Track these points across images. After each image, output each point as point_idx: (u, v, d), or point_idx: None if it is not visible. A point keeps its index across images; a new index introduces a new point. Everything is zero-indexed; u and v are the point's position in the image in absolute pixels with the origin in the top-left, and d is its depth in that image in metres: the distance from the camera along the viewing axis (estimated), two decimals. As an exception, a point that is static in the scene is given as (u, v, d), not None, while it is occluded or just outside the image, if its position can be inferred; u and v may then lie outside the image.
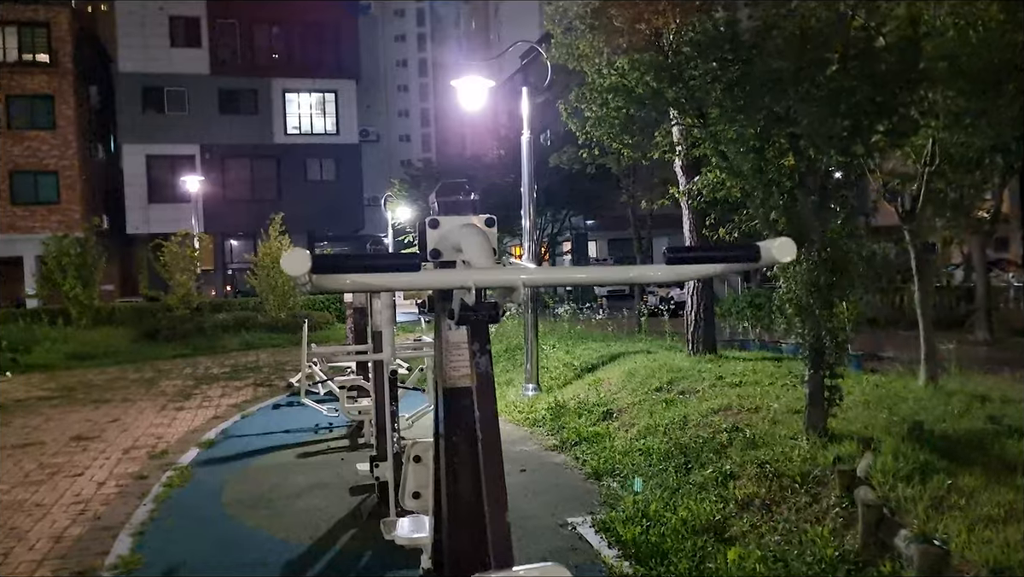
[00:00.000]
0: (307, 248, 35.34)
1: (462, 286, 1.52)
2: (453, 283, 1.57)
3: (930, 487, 4.72)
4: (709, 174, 6.63)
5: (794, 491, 5.40)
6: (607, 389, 9.85)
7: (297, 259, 1.45)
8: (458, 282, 1.54)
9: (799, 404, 7.36)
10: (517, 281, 1.51)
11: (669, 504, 5.71)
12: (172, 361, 19.25)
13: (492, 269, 1.64)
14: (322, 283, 1.57)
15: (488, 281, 1.54)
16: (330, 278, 1.56)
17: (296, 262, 1.45)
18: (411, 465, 3.44)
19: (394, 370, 5.93)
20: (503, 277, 1.55)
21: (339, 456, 8.50)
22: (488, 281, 1.54)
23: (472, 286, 1.49)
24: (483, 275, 1.54)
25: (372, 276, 1.59)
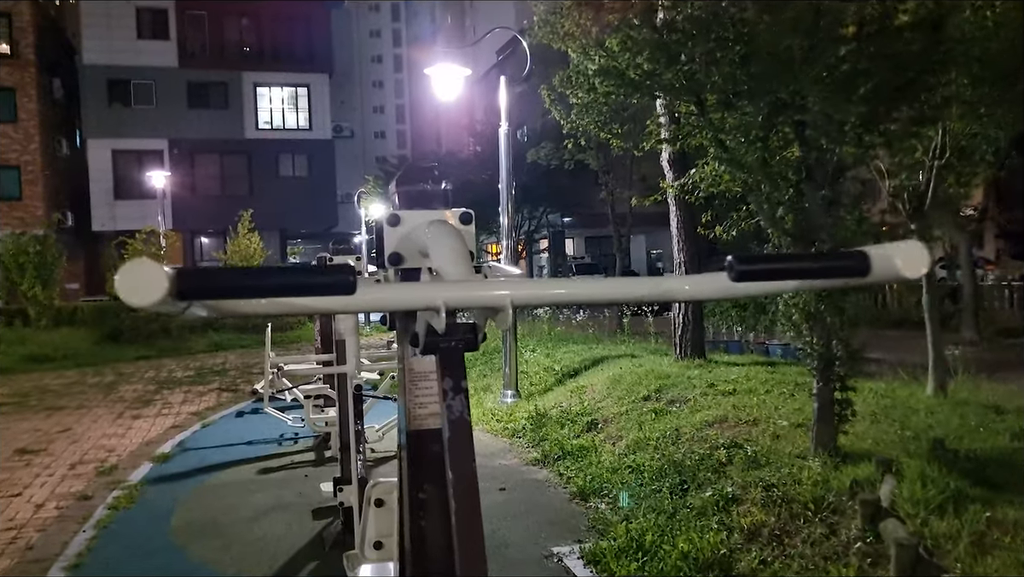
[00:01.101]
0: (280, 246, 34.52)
1: (428, 307, 1.09)
2: (414, 303, 1.13)
3: (967, 520, 4.16)
4: (706, 166, 6.08)
5: (807, 520, 4.83)
6: (591, 397, 9.27)
7: (144, 278, 0.85)
8: (422, 301, 1.09)
9: (800, 416, 6.83)
10: (504, 300, 1.09)
11: (666, 533, 5.12)
12: (135, 364, 18.46)
13: (468, 283, 1.16)
14: (202, 312, 0.99)
15: (463, 300, 1.11)
16: (213, 305, 0.97)
17: (142, 284, 0.85)
18: (372, 510, 2.86)
19: (359, 384, 5.31)
20: (484, 294, 1.11)
21: (303, 472, 7.86)
22: (463, 300, 1.11)
23: (441, 307, 1.06)
24: (456, 292, 1.10)
25: (283, 301, 1.01)
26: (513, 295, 1.06)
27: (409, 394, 1.86)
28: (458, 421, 1.28)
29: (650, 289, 1.33)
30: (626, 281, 1.40)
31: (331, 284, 0.94)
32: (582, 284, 1.39)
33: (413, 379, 1.88)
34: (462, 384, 1.27)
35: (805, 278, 1.17)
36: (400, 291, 1.22)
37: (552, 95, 8.85)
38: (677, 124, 6.41)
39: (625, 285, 1.36)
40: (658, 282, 1.37)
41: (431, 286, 1.09)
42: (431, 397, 1.70)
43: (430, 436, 1.64)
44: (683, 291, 1.27)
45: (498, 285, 1.09)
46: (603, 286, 1.36)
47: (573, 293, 1.34)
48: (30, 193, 32.28)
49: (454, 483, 1.24)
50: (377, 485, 2.90)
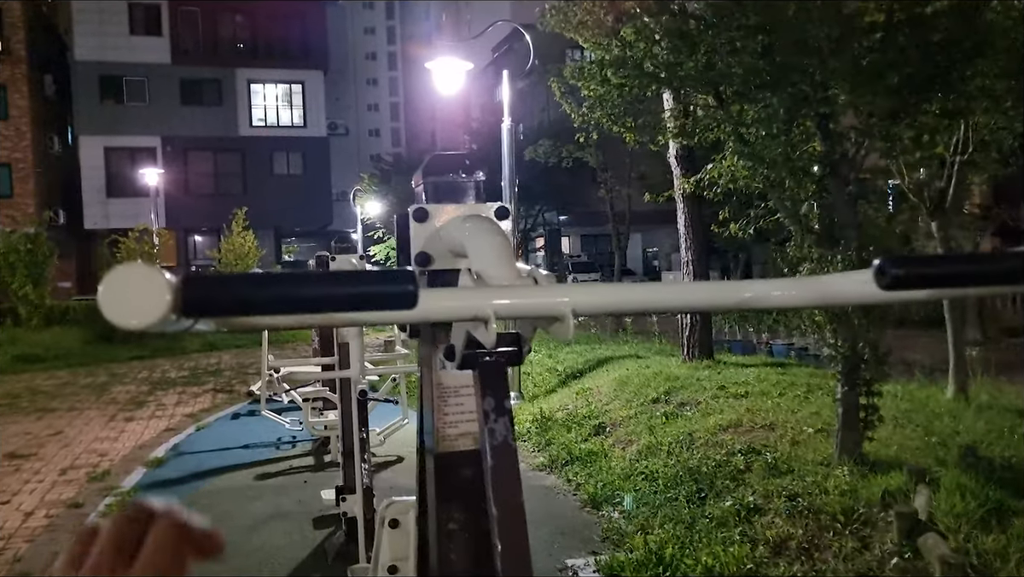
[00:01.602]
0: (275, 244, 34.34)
1: (476, 317, 0.89)
2: (461, 312, 0.92)
3: (1014, 536, 3.93)
4: (723, 161, 5.84)
5: (837, 533, 4.59)
6: (597, 399, 9.03)
7: (138, 290, 0.62)
8: (469, 311, 0.90)
9: (819, 420, 6.60)
10: (564, 308, 0.91)
11: (687, 545, 4.88)
12: (128, 364, 18.14)
13: (521, 288, 0.97)
14: (209, 326, 0.76)
15: (516, 308, 0.93)
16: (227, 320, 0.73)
17: (135, 297, 0.62)
18: (386, 532, 2.62)
19: (364, 390, 5.06)
20: (541, 302, 0.92)
21: (302, 477, 7.60)
22: (516, 308, 0.93)
23: (491, 317, 0.87)
24: (508, 299, 0.92)
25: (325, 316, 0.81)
26: (575, 302, 0.88)
27: (438, 412, 1.63)
28: (502, 447, 1.09)
29: (744, 294, 1.09)
30: (711, 286, 1.16)
31: (390, 297, 0.74)
32: (654, 290, 1.15)
33: (443, 395, 1.65)
34: (505, 404, 1.09)
35: (970, 284, 0.92)
36: (446, 298, 0.98)
37: (562, 88, 8.58)
38: (688, 118, 6.16)
39: (712, 290, 1.12)
40: (757, 284, 1.12)
41: (478, 292, 0.92)
42: (463, 416, 1.52)
43: (462, 459, 1.48)
44: (782, 298, 1.03)
45: (557, 291, 0.91)
46: (680, 291, 1.12)
47: (644, 299, 1.10)
48: (21, 191, 31.92)
49: (499, 519, 1.05)
50: (392, 505, 2.68)
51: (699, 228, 10.03)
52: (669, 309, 1.11)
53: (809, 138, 5.33)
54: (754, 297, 1.10)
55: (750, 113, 5.28)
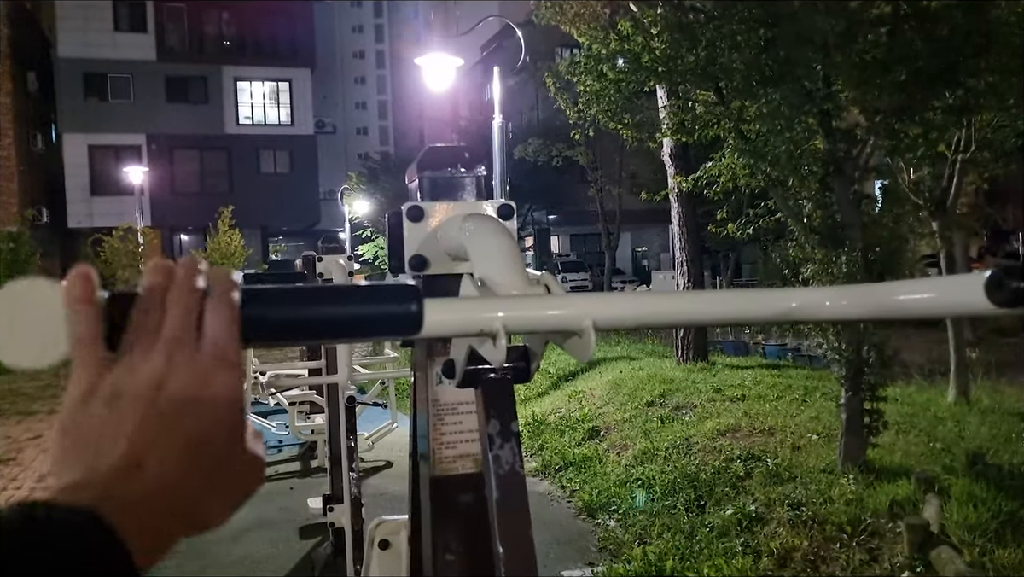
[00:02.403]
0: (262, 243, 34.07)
1: (483, 332, 0.76)
2: (466, 327, 0.78)
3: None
4: (723, 159, 5.67)
5: (843, 544, 4.43)
6: (591, 402, 8.85)
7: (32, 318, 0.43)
8: (476, 325, 0.76)
9: (818, 425, 6.45)
10: (584, 322, 0.77)
11: (687, 557, 4.70)
12: (111, 366, 17.88)
13: (535, 299, 0.83)
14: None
15: (530, 322, 0.78)
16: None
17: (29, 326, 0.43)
18: (376, 553, 2.45)
19: (352, 396, 4.86)
20: (557, 314, 0.78)
21: (288, 484, 7.40)
22: (530, 322, 0.78)
23: (500, 332, 0.74)
24: (521, 310, 0.78)
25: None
26: (597, 315, 0.76)
27: (434, 431, 1.48)
28: (509, 477, 0.98)
29: (788, 305, 0.91)
30: (749, 295, 0.97)
31: (393, 320, 0.63)
32: (685, 300, 0.97)
33: (439, 412, 1.52)
34: (512, 427, 0.98)
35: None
36: (444, 312, 0.81)
37: (556, 83, 8.40)
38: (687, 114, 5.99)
39: (747, 300, 0.94)
40: (795, 295, 0.94)
41: (485, 304, 0.79)
42: (462, 435, 1.40)
43: (461, 483, 1.36)
44: (835, 309, 0.86)
45: (576, 302, 0.78)
46: (713, 301, 0.94)
47: (674, 311, 0.93)
48: (3, 189, 31.41)
49: (506, 560, 0.92)
50: (382, 524, 2.50)
51: (693, 228, 9.86)
52: (701, 322, 0.95)
53: (812, 135, 5.17)
54: (800, 308, 0.92)
55: (751, 109, 5.12)
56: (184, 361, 0.49)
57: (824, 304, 0.89)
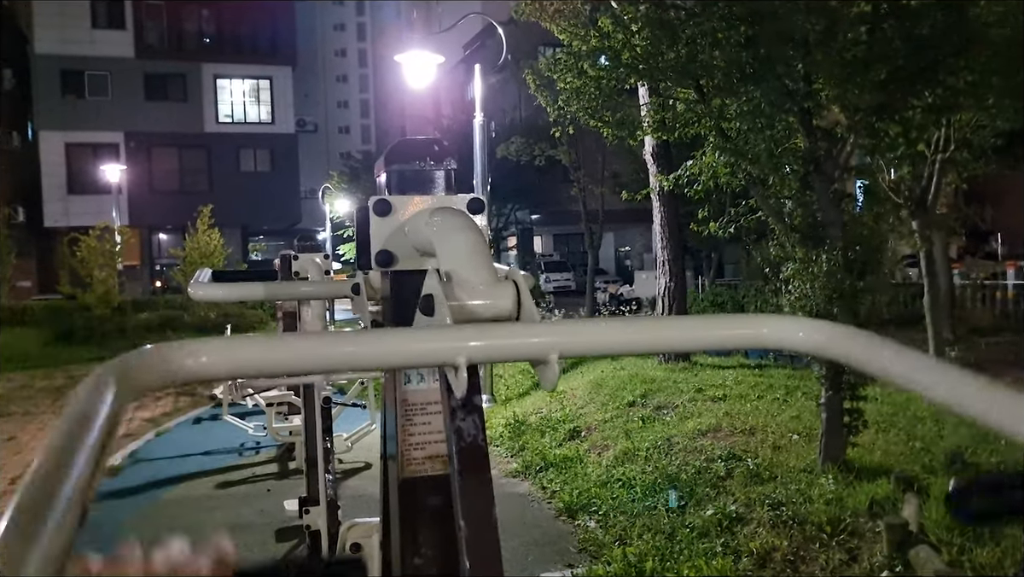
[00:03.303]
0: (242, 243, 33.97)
1: (444, 364, 0.77)
2: (420, 358, 0.81)
3: (1009, 548, 3.76)
4: (704, 158, 5.65)
5: (823, 544, 4.41)
6: (572, 402, 8.81)
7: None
8: (436, 355, 0.77)
9: (799, 425, 6.44)
10: (547, 352, 0.77)
11: (667, 558, 4.67)
12: (87, 366, 17.58)
13: (498, 328, 0.83)
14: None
15: (495, 351, 0.79)
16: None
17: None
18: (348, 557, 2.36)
19: (328, 396, 4.79)
20: (520, 343, 0.78)
21: (265, 486, 7.30)
22: (495, 351, 0.79)
23: (461, 365, 0.75)
24: (485, 340, 0.77)
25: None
26: (562, 347, 0.77)
27: (403, 432, 1.43)
28: (470, 450, 1.01)
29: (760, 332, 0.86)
30: (718, 321, 0.95)
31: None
32: (656, 327, 0.93)
33: (407, 412, 1.47)
34: (475, 400, 1.01)
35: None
36: (403, 342, 0.79)
37: (537, 80, 8.34)
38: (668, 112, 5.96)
39: (718, 326, 0.90)
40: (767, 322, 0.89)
41: (447, 334, 0.79)
42: (431, 436, 1.36)
43: (429, 486, 1.34)
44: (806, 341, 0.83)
45: (540, 331, 0.79)
46: (678, 328, 0.91)
47: (641, 340, 0.89)
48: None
49: (468, 535, 0.98)
50: (354, 527, 2.46)
51: (675, 227, 9.85)
52: (669, 350, 0.92)
53: (792, 134, 5.16)
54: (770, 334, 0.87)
55: (732, 107, 5.10)
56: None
57: (797, 335, 0.83)
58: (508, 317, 1.01)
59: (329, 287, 3.54)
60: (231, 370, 0.72)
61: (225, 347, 0.71)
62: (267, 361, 0.73)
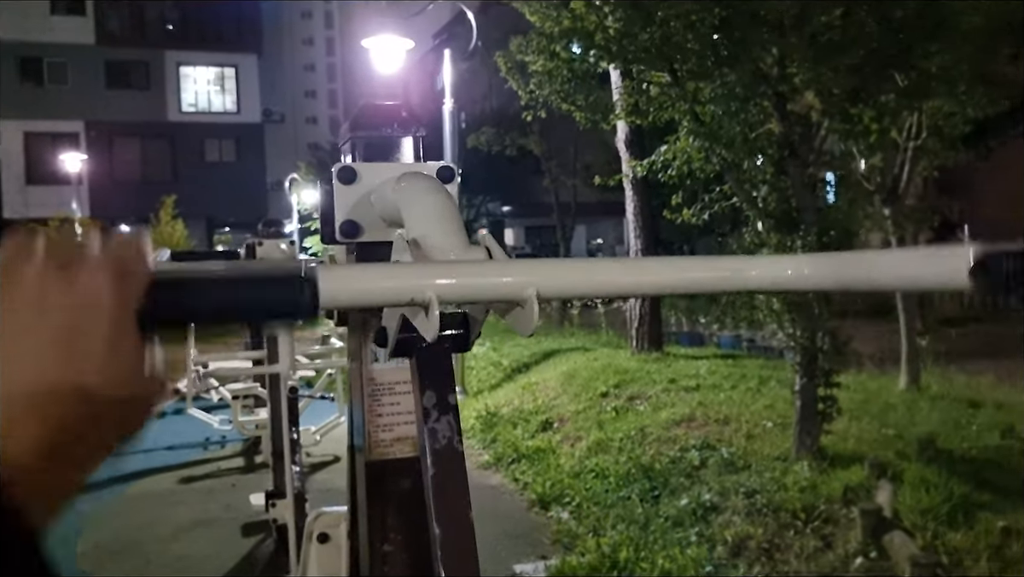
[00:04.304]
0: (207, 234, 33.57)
1: (413, 301, 0.67)
2: (389, 296, 0.69)
3: (981, 532, 3.75)
4: (678, 143, 5.59)
5: (798, 531, 4.38)
6: (544, 394, 8.74)
7: None
8: (401, 293, 0.67)
9: (773, 413, 6.43)
10: (526, 291, 0.69)
11: (642, 547, 4.61)
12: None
13: (471, 264, 0.76)
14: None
15: (468, 290, 0.70)
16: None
17: None
18: (314, 547, 2.31)
19: (294, 386, 4.68)
20: (496, 281, 0.70)
21: (231, 480, 7.15)
22: (468, 290, 0.70)
23: (432, 302, 0.66)
24: (456, 277, 0.69)
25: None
26: (540, 284, 0.70)
27: (370, 412, 1.37)
28: (445, 452, 0.96)
29: (748, 274, 0.82)
30: (706, 262, 0.88)
31: (283, 305, 0.58)
32: (637, 267, 0.85)
33: (374, 392, 1.35)
34: (450, 400, 0.97)
35: None
36: (368, 279, 0.70)
37: (509, 64, 8.23)
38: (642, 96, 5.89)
39: (705, 268, 0.83)
40: (756, 263, 0.86)
41: (415, 270, 0.73)
42: (399, 417, 1.31)
43: (398, 468, 1.27)
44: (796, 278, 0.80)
45: (518, 268, 0.72)
46: (668, 269, 0.83)
47: (626, 281, 0.82)
48: (-67, 178, 30.23)
49: (443, 540, 0.92)
50: (321, 516, 2.35)
51: (648, 216, 9.81)
52: (654, 292, 0.84)
53: (767, 118, 5.12)
54: (760, 276, 0.82)
55: (706, 91, 5.04)
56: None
57: (786, 272, 0.80)
58: (480, 286, 0.93)
59: (292, 267, 3.41)
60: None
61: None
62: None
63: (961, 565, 3.64)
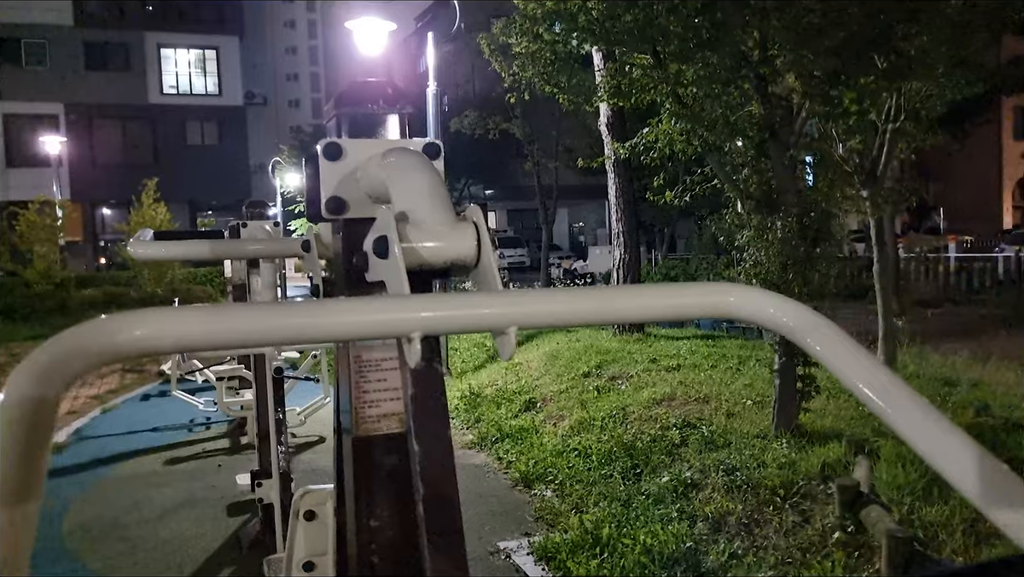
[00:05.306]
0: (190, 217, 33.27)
1: (396, 335, 0.77)
2: (374, 329, 0.74)
3: (956, 506, 3.84)
4: (660, 125, 5.62)
5: (776, 507, 4.47)
6: (527, 374, 8.80)
7: None
8: (388, 327, 0.71)
9: (752, 392, 6.52)
10: (505, 323, 0.73)
11: (624, 524, 4.68)
12: (27, 344, 17.08)
13: (453, 299, 0.76)
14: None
15: (450, 323, 0.72)
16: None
17: None
18: (301, 524, 2.34)
19: (279, 367, 4.69)
20: (480, 314, 0.73)
21: (216, 461, 7.16)
22: (450, 323, 0.72)
23: (415, 339, 0.70)
24: (439, 311, 0.71)
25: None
26: (521, 318, 0.73)
27: (356, 389, 1.38)
28: (431, 417, 1.00)
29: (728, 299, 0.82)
30: (681, 290, 0.90)
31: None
32: (611, 296, 0.87)
33: (362, 369, 1.42)
34: (436, 367, 0.99)
35: None
36: (353, 312, 0.71)
37: (492, 46, 8.22)
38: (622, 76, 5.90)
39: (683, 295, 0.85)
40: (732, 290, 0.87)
41: (400, 304, 0.72)
42: (385, 393, 1.30)
43: (384, 444, 1.27)
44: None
45: (498, 303, 0.75)
46: (641, 297, 0.86)
47: (601, 310, 0.85)
48: (-91, 160, 29.78)
49: (427, 504, 0.97)
50: (307, 494, 2.39)
51: (630, 199, 9.86)
52: (634, 320, 0.88)
53: (748, 100, 5.15)
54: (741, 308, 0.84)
55: (688, 73, 5.07)
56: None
57: (768, 311, 0.80)
58: (467, 260, 0.94)
59: (278, 244, 3.43)
60: (173, 344, 0.64)
61: (163, 319, 0.63)
62: (210, 333, 0.65)
63: (936, 539, 3.74)
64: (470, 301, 0.75)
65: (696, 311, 0.83)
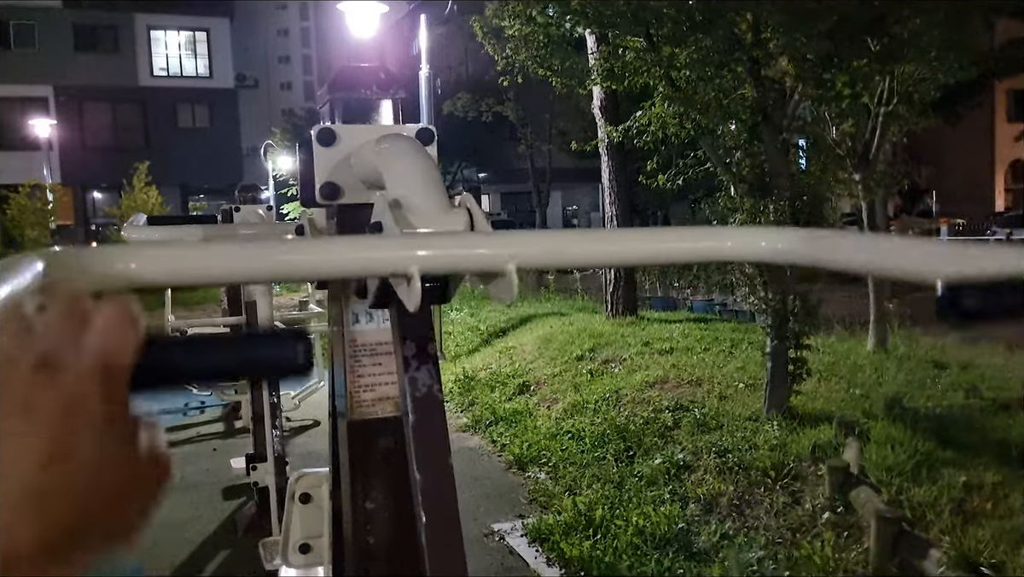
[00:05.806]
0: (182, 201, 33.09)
1: (395, 273, 0.72)
2: (373, 268, 0.74)
3: (944, 486, 3.89)
4: (653, 108, 5.63)
5: (767, 488, 4.52)
6: (521, 357, 8.83)
7: None
8: (384, 266, 0.71)
9: (744, 375, 6.56)
10: (505, 263, 0.71)
11: (617, 505, 4.73)
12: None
13: (452, 237, 0.80)
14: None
15: (449, 262, 0.72)
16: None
17: None
18: (296, 507, 2.36)
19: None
20: (475, 253, 0.73)
21: (211, 445, 7.19)
22: (449, 262, 0.72)
23: (414, 275, 0.68)
24: (437, 249, 0.71)
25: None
26: (520, 256, 0.72)
27: (351, 373, 1.38)
28: (425, 400, 1.00)
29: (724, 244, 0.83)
30: (682, 233, 0.92)
31: (283, 366, 0.55)
32: (614, 238, 0.88)
33: (356, 353, 1.42)
34: (429, 349, 1.01)
35: None
36: (351, 250, 0.72)
37: (485, 28, 8.20)
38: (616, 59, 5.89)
39: (681, 238, 0.86)
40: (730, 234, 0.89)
41: (398, 243, 0.75)
42: (380, 377, 1.32)
43: (380, 427, 1.29)
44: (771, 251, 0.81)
45: (498, 241, 0.74)
46: (645, 240, 0.87)
47: (604, 251, 0.85)
48: (-103, 143, 29.54)
49: (424, 486, 0.96)
50: (303, 477, 2.41)
51: (624, 183, 9.86)
52: (632, 263, 0.89)
53: (741, 83, 5.16)
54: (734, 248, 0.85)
55: (681, 56, 5.07)
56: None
57: (760, 245, 0.80)
58: (461, 246, 0.96)
59: (271, 229, 3.43)
60: (167, 277, 0.65)
61: (159, 253, 0.64)
62: (205, 268, 0.66)
63: (925, 519, 3.79)
64: (469, 239, 0.76)
65: (696, 254, 0.85)
